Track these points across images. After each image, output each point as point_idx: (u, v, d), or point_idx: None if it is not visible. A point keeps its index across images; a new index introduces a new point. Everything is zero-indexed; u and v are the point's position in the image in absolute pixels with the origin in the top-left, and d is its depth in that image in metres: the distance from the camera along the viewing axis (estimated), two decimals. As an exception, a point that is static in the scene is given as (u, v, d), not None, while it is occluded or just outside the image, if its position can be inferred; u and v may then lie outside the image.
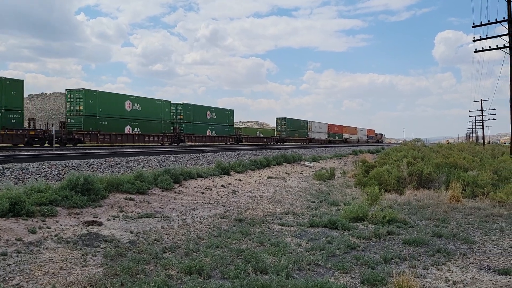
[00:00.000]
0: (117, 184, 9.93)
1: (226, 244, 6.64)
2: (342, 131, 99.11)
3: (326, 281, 4.82)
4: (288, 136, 71.63)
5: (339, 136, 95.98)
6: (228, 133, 56.68)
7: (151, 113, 41.50)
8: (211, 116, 52.99)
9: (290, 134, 72.57)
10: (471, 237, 7.42)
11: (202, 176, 14.07)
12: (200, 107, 51.59)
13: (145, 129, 40.29)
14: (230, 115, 58.74)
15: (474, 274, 5.31)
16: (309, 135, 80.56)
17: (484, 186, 13.15)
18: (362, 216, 9.02)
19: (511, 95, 22.76)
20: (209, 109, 52.99)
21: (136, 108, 39.59)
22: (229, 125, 57.77)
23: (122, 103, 38.03)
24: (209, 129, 52.18)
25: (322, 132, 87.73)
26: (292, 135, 73.39)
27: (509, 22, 22.77)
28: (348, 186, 17.57)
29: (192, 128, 48.25)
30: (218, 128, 54.53)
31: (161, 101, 43.72)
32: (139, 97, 40.87)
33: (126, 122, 38.31)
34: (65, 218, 7.41)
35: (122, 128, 37.52)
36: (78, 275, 4.87)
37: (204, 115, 51.62)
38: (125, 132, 37.88)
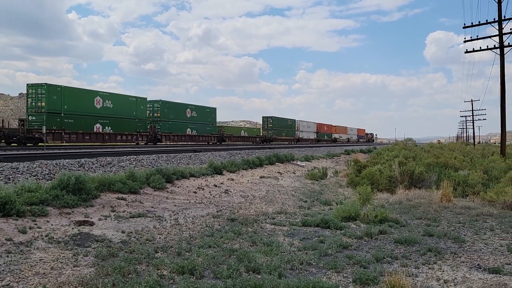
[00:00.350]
0: (109, 184, 9.87)
1: (218, 244, 6.64)
2: (331, 130, 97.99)
3: (319, 280, 4.83)
4: (275, 135, 70.11)
5: (328, 136, 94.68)
6: (210, 132, 54.35)
7: (124, 110, 38.76)
8: (191, 114, 50.44)
9: (277, 134, 71.05)
10: (461, 236, 7.48)
11: (194, 175, 14.03)
12: (179, 104, 49.17)
13: (117, 127, 37.50)
14: (212, 113, 55.92)
15: (465, 273, 5.35)
16: (297, 135, 79.17)
17: (475, 186, 13.27)
18: (354, 216, 9.06)
19: (501, 96, 22.97)
20: (189, 107, 50.50)
21: (107, 105, 36.74)
22: (211, 124, 55.11)
23: (91, 99, 35.23)
24: (189, 128, 49.70)
25: (310, 131, 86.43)
26: (279, 134, 71.94)
27: (499, 23, 22.98)
28: (341, 185, 17.63)
29: (170, 126, 45.85)
30: (199, 127, 52.09)
31: (135, 98, 41.07)
32: (110, 93, 38.11)
33: (96, 120, 35.56)
34: (56, 218, 7.35)
35: (90, 126, 34.88)
36: (69, 275, 4.83)
37: (184, 113, 49.17)
38: (94, 131, 35.16)
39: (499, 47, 23.08)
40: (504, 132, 23.49)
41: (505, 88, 22.95)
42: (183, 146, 39.56)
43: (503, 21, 22.93)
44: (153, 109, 45.12)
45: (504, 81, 22.94)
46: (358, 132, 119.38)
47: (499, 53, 23.09)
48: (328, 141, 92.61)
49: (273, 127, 70.30)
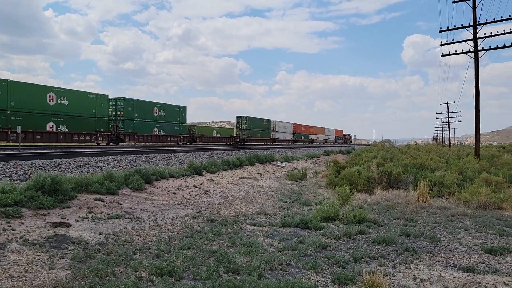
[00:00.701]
0: (86, 185, 9.71)
1: (198, 245, 6.60)
2: (308, 131, 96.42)
3: (298, 280, 4.85)
4: (250, 135, 68.11)
5: (305, 137, 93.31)
6: (179, 132, 51.48)
7: (82, 108, 35.81)
8: (159, 113, 47.60)
9: (252, 134, 69.04)
10: (437, 236, 7.63)
11: (174, 176, 13.93)
12: (145, 102, 46.63)
13: (73, 126, 34.66)
14: (182, 113, 53.02)
15: (441, 272, 5.46)
16: (273, 135, 77.72)
17: (450, 186, 13.56)
18: (333, 216, 9.14)
19: (475, 99, 23.53)
20: (156, 106, 47.73)
21: (62, 102, 33.74)
22: (180, 124, 52.21)
23: (43, 95, 32.30)
24: (156, 128, 46.96)
25: (287, 132, 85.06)
26: (254, 134, 69.99)
27: (474, 28, 23.53)
28: (320, 186, 17.76)
29: (135, 126, 43.12)
30: (168, 126, 49.30)
31: (95, 94, 37.98)
32: (65, 89, 35.11)
33: (49, 118, 32.49)
34: (31, 219, 7.19)
35: (43, 125, 31.92)
36: (45, 278, 4.74)
37: (151, 112, 46.47)
38: (47, 130, 32.20)
39: (474, 51, 23.64)
40: (478, 134, 24.06)
41: (479, 91, 23.52)
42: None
43: (477, 26, 23.50)
44: (116, 107, 42.17)
45: (478, 84, 23.51)
46: (336, 133, 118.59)
47: (474, 57, 23.64)
48: (305, 142, 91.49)
49: (247, 127, 68.38)
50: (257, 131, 71.69)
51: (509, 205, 10.78)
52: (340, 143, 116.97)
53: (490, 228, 8.37)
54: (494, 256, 6.34)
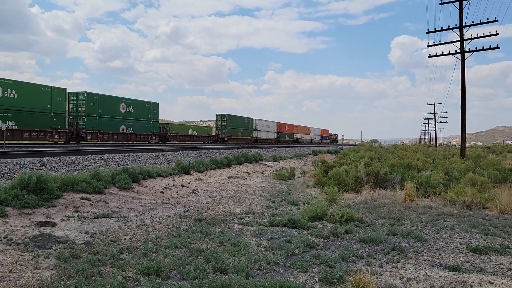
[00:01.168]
0: (72, 183, 9.59)
1: (185, 244, 6.57)
2: (293, 130, 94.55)
3: (286, 280, 4.86)
4: (230, 134, 65.79)
5: (289, 136, 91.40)
6: (150, 130, 48.49)
7: (34, 103, 32.90)
8: (127, 110, 44.31)
9: (232, 133, 66.65)
10: (423, 235, 7.70)
11: (161, 175, 13.84)
12: (110, 98, 43.34)
13: (23, 123, 31.81)
14: (153, 109, 49.89)
15: (427, 271, 5.51)
16: (255, 134, 75.45)
17: (436, 186, 13.70)
18: (321, 216, 9.17)
19: (461, 100, 23.82)
20: (123, 101, 44.25)
21: (10, 95, 31.07)
22: (152, 121, 49.09)
23: None
24: (123, 125, 43.65)
25: (270, 131, 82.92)
26: (235, 133, 67.63)
27: (460, 29, 23.82)
28: (308, 185, 17.81)
29: (98, 123, 39.80)
30: (137, 124, 46.26)
31: (50, 88, 34.76)
32: (14, 81, 32.21)
33: None
34: (15, 218, 7.08)
35: None
36: (29, 278, 4.67)
37: (117, 108, 43.03)
38: None
39: (460, 53, 23.93)
40: (464, 134, 24.37)
41: (465, 92, 23.82)
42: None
43: (464, 27, 23.79)
44: (77, 103, 38.98)
45: (464, 85, 23.81)
46: (321, 133, 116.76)
47: (460, 58, 23.93)
48: (289, 141, 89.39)
49: (227, 125, 65.98)
50: (238, 129, 69.41)
51: (494, 205, 10.92)
52: (326, 142, 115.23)
53: (475, 228, 8.48)
54: (479, 255, 6.42)
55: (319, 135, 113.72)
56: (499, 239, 7.54)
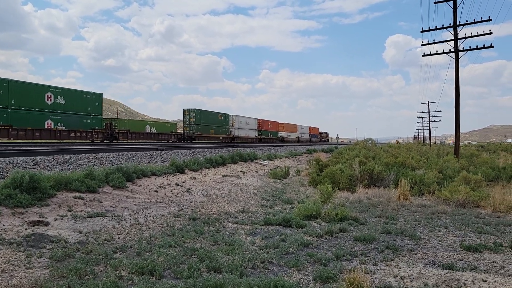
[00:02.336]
0: (66, 182, 9.53)
1: (179, 243, 6.54)
2: (277, 128, 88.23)
3: (280, 278, 4.85)
4: (199, 132, 58.84)
5: (274, 134, 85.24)
6: (90, 126, 40.28)
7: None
8: (55, 101, 36.37)
9: (203, 130, 59.64)
10: (417, 234, 7.73)
11: (156, 174, 13.79)
12: (31, 85, 35.44)
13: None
14: (95, 101, 40.83)
15: (420, 269, 5.52)
16: (232, 132, 68.79)
17: (430, 185, 13.75)
18: (316, 214, 9.18)
19: (455, 98, 23.93)
20: (50, 90, 36.22)
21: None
22: (93, 115, 40.71)
23: None
24: (50, 120, 35.85)
25: (250, 128, 76.07)
26: (206, 131, 60.56)
27: (454, 28, 23.91)
28: (302, 184, 17.82)
29: (12, 116, 32.34)
30: (70, 118, 38.06)
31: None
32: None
33: None
34: (8, 218, 7.02)
35: None
36: (22, 277, 4.63)
37: (41, 98, 35.20)
38: None
39: (454, 51, 24.03)
40: (458, 133, 24.48)
41: (459, 91, 23.93)
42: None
43: (458, 26, 23.89)
44: None
45: (458, 84, 23.92)
46: (310, 131, 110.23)
47: (454, 57, 24.04)
48: (273, 140, 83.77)
49: (196, 122, 58.73)
50: (210, 126, 62.13)
51: (487, 203, 10.98)
52: (316, 141, 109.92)
53: (469, 226, 8.52)
54: (473, 253, 6.45)
55: (308, 133, 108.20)
56: (492, 237, 7.58)
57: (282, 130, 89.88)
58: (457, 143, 25.10)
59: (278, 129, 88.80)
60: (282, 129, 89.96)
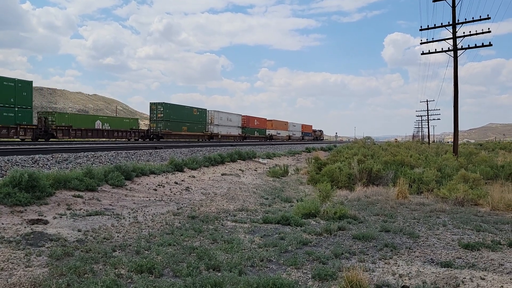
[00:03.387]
0: (65, 181, 9.54)
1: (178, 242, 6.55)
2: (264, 125, 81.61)
3: (278, 277, 4.86)
4: (169, 129, 51.65)
5: (260, 132, 78.63)
6: (14, 121, 32.58)
7: None
8: None
9: (173, 127, 52.43)
10: (416, 232, 7.74)
11: (154, 172, 13.81)
12: None
13: None
14: (21, 91, 33.10)
15: (419, 267, 5.54)
16: (210, 129, 61.37)
17: (429, 183, 13.77)
18: (314, 212, 9.19)
19: (454, 97, 23.95)
20: None
21: None
22: (18, 108, 32.96)
23: None
24: None
25: (233, 126, 68.95)
26: (177, 128, 53.28)
27: (453, 27, 23.92)
28: (301, 183, 17.84)
29: None
30: None
31: None
32: None
33: None
34: (7, 216, 7.03)
35: None
36: (21, 276, 4.63)
37: None
38: None
39: (453, 50, 24.04)
40: (457, 131, 24.51)
41: (458, 90, 23.95)
42: None
43: (457, 25, 23.89)
44: None
45: (457, 82, 23.94)
46: (302, 129, 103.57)
47: (453, 55, 24.05)
48: (260, 138, 77.29)
49: (165, 117, 50.91)
50: (182, 123, 54.73)
51: (486, 201, 11.00)
52: (309, 140, 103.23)
53: (468, 224, 8.54)
54: (471, 251, 6.47)
55: (300, 131, 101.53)
56: (490, 235, 7.60)
57: (270, 127, 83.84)
58: (456, 142, 25.14)
59: (266, 126, 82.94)
60: (270, 127, 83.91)
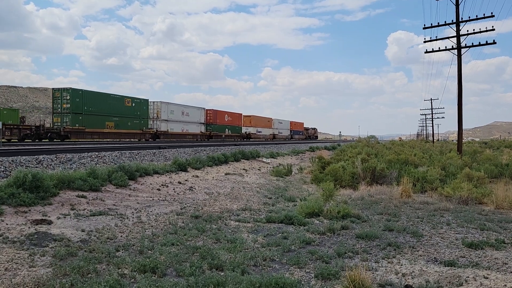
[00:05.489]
0: (69, 181, 9.57)
1: (181, 241, 6.57)
2: (238, 122, 68.39)
3: (281, 276, 4.86)
4: (82, 125, 35.99)
5: (234, 130, 65.64)
6: None
7: None
8: None
9: (89, 123, 36.74)
10: (420, 231, 7.72)
11: (158, 172, 13.83)
12: None
13: None
14: None
15: (422, 266, 5.52)
16: (155, 126, 46.94)
17: (433, 182, 13.73)
18: (318, 212, 9.18)
19: (458, 95, 23.84)
20: None
21: None
22: None
23: None
24: None
25: (191, 122, 53.95)
26: (96, 124, 37.66)
27: (457, 25, 23.80)
28: (305, 182, 17.82)
29: None
30: None
31: None
32: None
33: None
34: (11, 217, 7.07)
35: None
36: (25, 276, 4.66)
37: None
38: None
39: (457, 48, 23.92)
40: (461, 130, 24.40)
41: (462, 88, 23.82)
42: None
43: (460, 23, 23.78)
44: None
45: (461, 81, 23.81)
46: (291, 126, 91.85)
47: (457, 53, 23.93)
48: (233, 137, 64.66)
49: (73, 109, 35.53)
50: (106, 117, 39.04)
51: (490, 200, 10.95)
52: (299, 139, 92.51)
53: (471, 223, 8.50)
54: (475, 250, 6.44)
55: (288, 129, 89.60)
56: (494, 234, 7.57)
57: (248, 124, 71.39)
58: (460, 140, 25.02)
59: (244, 123, 70.58)
60: (248, 123, 71.48)
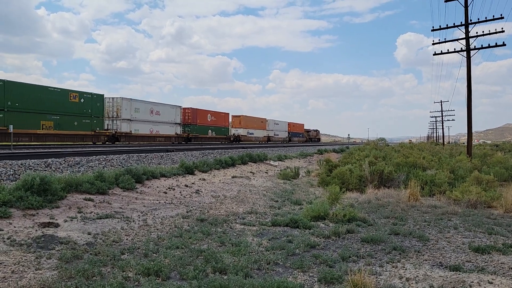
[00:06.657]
0: (76, 184, 9.67)
1: (186, 245, 6.60)
2: (224, 122, 61.67)
3: (284, 280, 4.86)
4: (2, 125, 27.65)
5: (218, 131, 59.23)
6: None
7: None
8: None
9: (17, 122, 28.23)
10: (426, 235, 7.67)
11: (165, 175, 13.91)
12: None
13: None
14: None
15: (427, 271, 5.49)
16: (114, 127, 40.06)
17: (441, 185, 13.62)
18: (323, 215, 9.16)
19: (467, 97, 23.65)
20: None
21: None
22: None
23: None
24: None
25: (163, 122, 46.94)
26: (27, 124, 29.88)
27: (466, 27, 23.64)
28: (312, 185, 17.79)
29: None
30: None
31: None
32: None
33: None
34: (19, 219, 7.16)
35: None
36: (31, 278, 4.72)
37: None
38: None
39: (466, 50, 23.75)
40: (470, 132, 24.20)
41: (471, 90, 23.65)
42: None
43: (469, 25, 23.62)
44: None
45: (470, 83, 23.64)
46: (290, 128, 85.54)
47: (466, 56, 23.76)
48: (219, 139, 59.22)
49: None
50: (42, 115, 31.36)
51: (499, 203, 10.84)
52: (299, 141, 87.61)
53: (479, 227, 8.43)
54: (481, 254, 6.39)
55: (286, 131, 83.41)
56: (502, 238, 7.50)
57: (238, 125, 64.17)
58: (469, 143, 24.81)
59: (233, 124, 64.47)
60: (238, 124, 64.18)
